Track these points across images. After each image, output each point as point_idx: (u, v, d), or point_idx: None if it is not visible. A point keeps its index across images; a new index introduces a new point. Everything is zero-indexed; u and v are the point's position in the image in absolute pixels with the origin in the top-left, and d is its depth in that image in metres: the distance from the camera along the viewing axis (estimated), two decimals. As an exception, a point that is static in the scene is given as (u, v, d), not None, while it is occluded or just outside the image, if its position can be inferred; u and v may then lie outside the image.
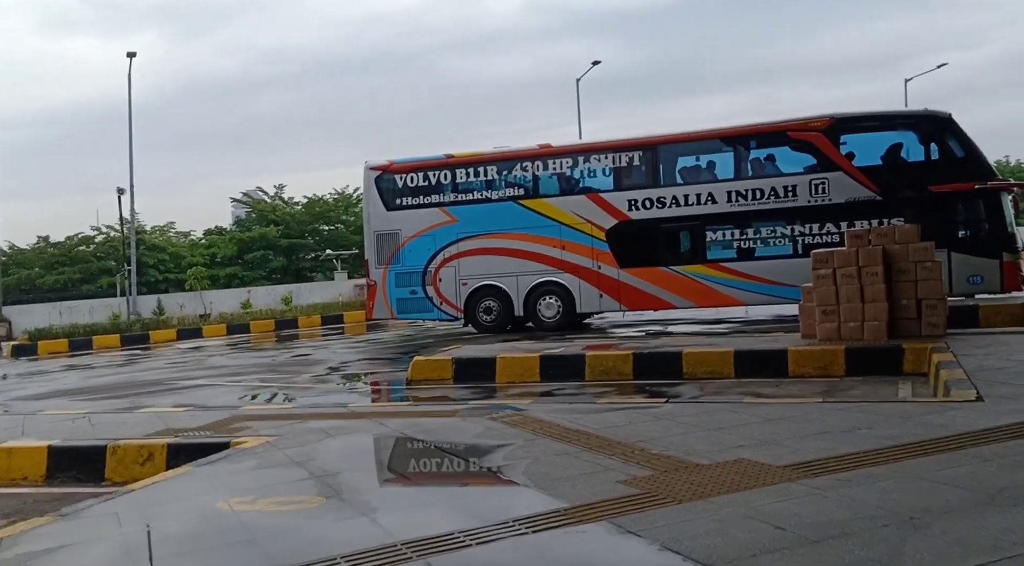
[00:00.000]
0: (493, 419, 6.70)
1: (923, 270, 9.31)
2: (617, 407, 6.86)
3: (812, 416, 5.90)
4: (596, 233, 15.89)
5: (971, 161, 14.08)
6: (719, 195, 15.13)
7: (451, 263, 16.77)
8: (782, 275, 14.52)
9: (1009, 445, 4.64)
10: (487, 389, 9.91)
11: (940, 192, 13.87)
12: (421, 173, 17.12)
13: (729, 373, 9.29)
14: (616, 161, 16.05)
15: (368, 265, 17.58)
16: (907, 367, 8.69)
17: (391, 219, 17.21)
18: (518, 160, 16.81)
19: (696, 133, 15.94)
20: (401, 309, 17.27)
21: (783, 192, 14.74)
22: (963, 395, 6.06)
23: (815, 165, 14.76)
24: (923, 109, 15.12)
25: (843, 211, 14.33)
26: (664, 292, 15.56)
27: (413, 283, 17.02)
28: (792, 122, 15.12)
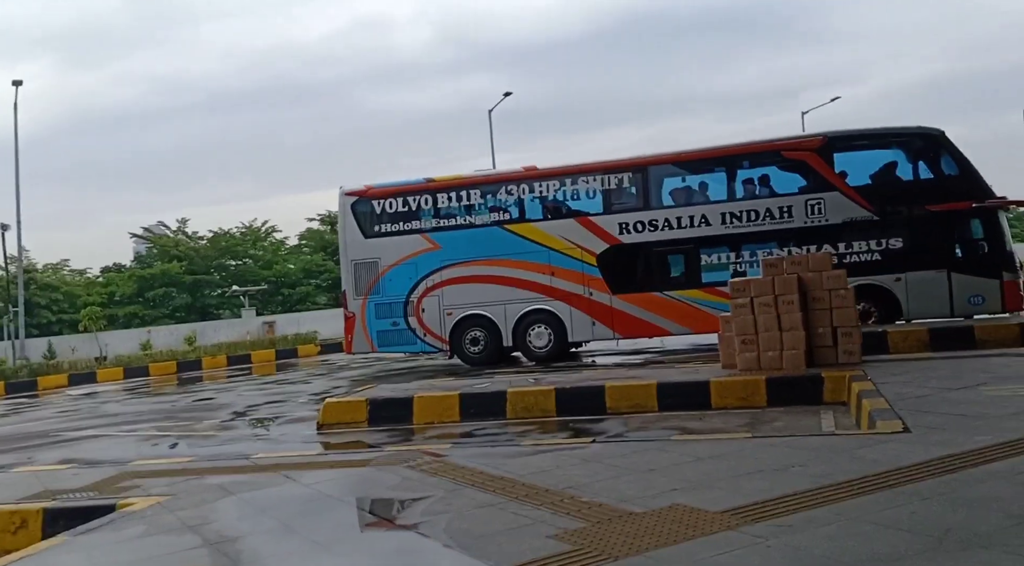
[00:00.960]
0: (411, 467, 6.25)
1: (837, 298, 9.38)
2: (543, 449, 6.52)
3: (744, 453, 5.70)
4: (587, 258, 15.34)
5: (967, 179, 13.82)
6: (713, 217, 14.71)
7: (435, 292, 16.04)
8: None
9: (945, 480, 4.51)
10: (404, 432, 9.42)
11: (937, 211, 13.65)
12: (400, 198, 16.36)
13: (652, 407, 9.09)
14: (605, 183, 15.51)
15: (345, 296, 16.68)
16: (827, 396, 8.67)
17: (369, 247, 16.41)
18: (503, 183, 16.22)
19: (688, 153, 15.62)
20: (382, 342, 16.43)
21: (778, 213, 14.39)
22: (890, 426, 5.98)
23: (810, 185, 14.48)
24: (916, 126, 14.68)
25: (840, 232, 14.03)
26: (659, 318, 15.03)
27: (394, 314, 16.20)
28: (785, 141, 14.99)
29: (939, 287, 13.63)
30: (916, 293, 13.70)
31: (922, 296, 13.67)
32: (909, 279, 13.74)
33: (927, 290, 13.65)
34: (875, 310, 13.85)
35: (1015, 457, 4.83)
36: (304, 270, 39.33)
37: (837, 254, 13.89)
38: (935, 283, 13.65)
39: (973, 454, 4.99)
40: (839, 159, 14.40)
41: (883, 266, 13.86)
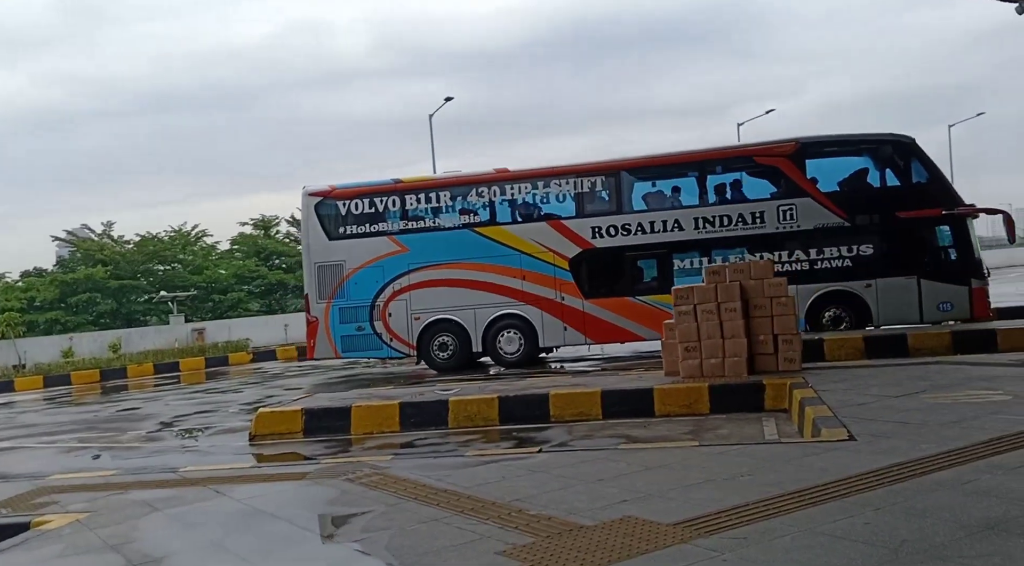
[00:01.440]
0: (350, 480, 5.99)
1: (778, 305, 9.46)
2: (488, 459, 6.33)
3: (692, 462, 5.61)
4: (559, 262, 15.13)
5: (937, 186, 14.06)
6: (686, 222, 14.65)
7: (402, 296, 15.67)
8: None
9: (895, 490, 4.49)
10: (342, 443, 9.11)
11: (908, 218, 13.81)
12: (367, 199, 15.96)
13: (597, 414, 8.99)
14: (578, 186, 15.31)
15: (308, 300, 16.14)
16: (768, 403, 8.71)
17: (334, 249, 15.94)
18: (473, 185, 15.85)
19: (661, 157, 15.58)
20: (346, 347, 15.96)
21: (751, 219, 14.38)
22: (835, 434, 5.98)
23: (782, 190, 14.51)
24: (887, 133, 14.82)
25: (812, 238, 14.13)
26: (631, 323, 14.85)
27: (360, 318, 15.76)
28: (758, 147, 15.00)
29: (909, 293, 13.81)
30: (886, 299, 13.86)
31: (892, 302, 13.83)
32: (879, 285, 13.87)
33: (897, 296, 13.81)
34: (846, 316, 14.03)
35: (960, 466, 4.85)
36: (236, 275, 38.28)
37: (809, 260, 14.10)
38: (905, 289, 13.82)
39: (919, 463, 4.99)
40: (811, 165, 14.50)
41: (854, 272, 14.00)
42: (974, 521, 3.85)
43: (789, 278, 13.79)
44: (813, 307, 14.07)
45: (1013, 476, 4.55)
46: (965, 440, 5.44)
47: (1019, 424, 5.77)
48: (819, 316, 14.09)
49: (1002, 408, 6.41)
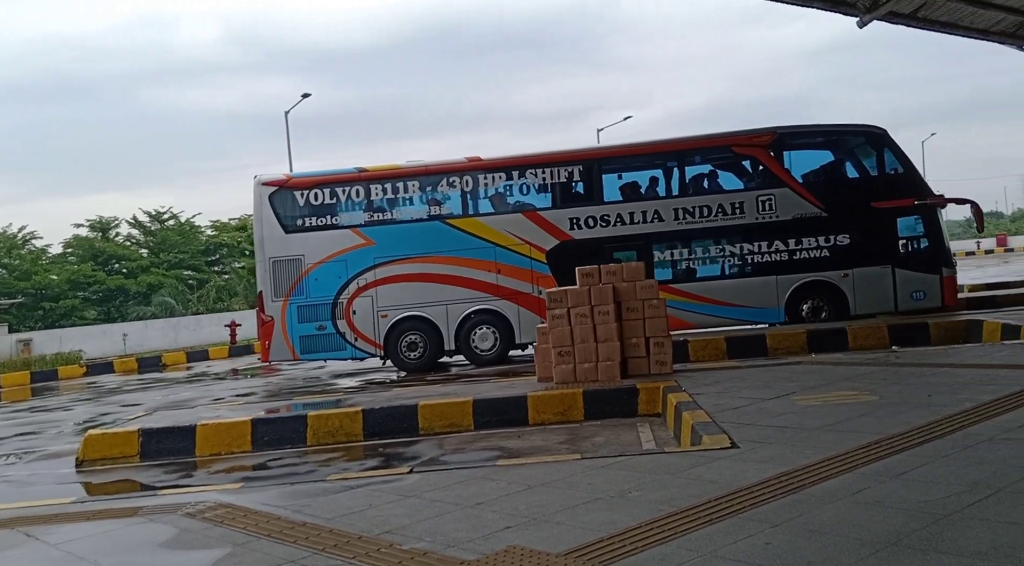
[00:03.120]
0: (190, 515, 5.23)
1: (650, 307, 9.35)
2: (353, 484, 5.71)
3: (576, 479, 5.24)
4: (535, 255, 14.48)
5: (909, 177, 14.21)
6: (665, 212, 14.34)
7: (367, 292, 14.61)
8: (732, 295, 14.19)
9: (788, 503, 4.28)
10: (185, 467, 8.18)
11: (882, 208, 13.92)
12: (328, 189, 14.80)
13: (469, 425, 8.54)
14: (555, 176, 14.71)
15: (262, 298, 14.82)
16: (642, 408, 8.56)
17: (291, 243, 14.69)
18: (445, 174, 14.91)
19: (640, 146, 15.22)
20: (306, 348, 14.73)
21: (730, 209, 14.20)
22: (717, 441, 5.80)
23: (760, 181, 14.41)
24: (861, 123, 14.93)
25: (790, 228, 14.07)
26: None
27: (321, 317, 14.61)
28: (737, 136, 14.69)
29: (884, 283, 13.99)
30: (862, 289, 14.05)
31: (868, 292, 14.03)
32: (856, 275, 13.99)
33: (873, 286, 13.98)
34: (825, 306, 14.13)
35: (845, 474, 4.73)
36: (69, 281, 35.09)
37: (788, 250, 14.10)
38: (880, 279, 13.99)
39: (806, 471, 4.84)
40: (788, 155, 14.49)
41: (831, 262, 14.06)
42: (876, 537, 3.67)
43: (769, 269, 14.17)
44: (792, 298, 14.15)
45: (900, 484, 4.45)
46: (844, 445, 5.37)
47: (891, 426, 5.79)
48: (798, 307, 14.16)
49: (871, 409, 6.46)
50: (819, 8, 14.04)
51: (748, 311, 14.12)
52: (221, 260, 42.63)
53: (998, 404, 6.14)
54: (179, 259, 38.58)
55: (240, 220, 42.83)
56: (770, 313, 14.07)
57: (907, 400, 6.69)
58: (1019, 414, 5.77)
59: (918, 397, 6.77)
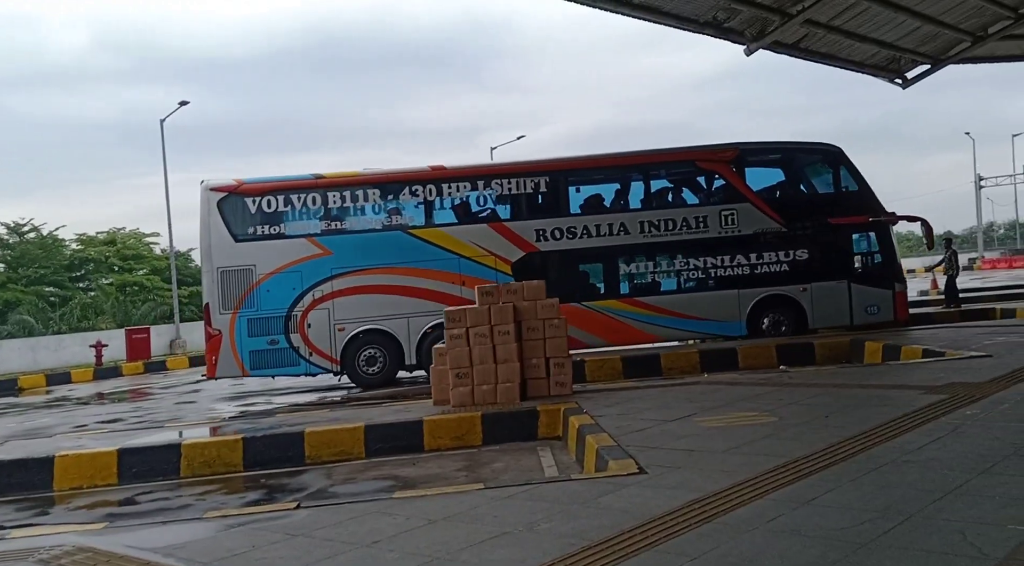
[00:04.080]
0: (43, 562, 4.58)
1: (551, 327, 9.16)
2: (233, 521, 5.17)
3: (480, 511, 4.91)
4: (501, 267, 14.01)
5: (863, 194, 14.49)
6: (632, 226, 14.19)
7: (323, 305, 13.84)
8: (696, 309, 14.07)
9: (705, 533, 4.10)
10: (41, 503, 7.33)
11: (838, 224, 14.22)
12: (282, 196, 13.94)
13: (360, 453, 8.06)
14: (520, 186, 14.32)
15: (209, 311, 13.85)
16: (542, 431, 8.32)
17: (241, 252, 13.81)
18: (407, 183, 14.30)
19: (605, 158, 14.98)
20: (256, 364, 13.82)
21: (694, 223, 14.19)
22: (624, 467, 5.61)
23: (723, 196, 14.46)
24: (818, 141, 15.25)
25: (751, 243, 14.16)
26: (577, 331, 13.64)
27: (273, 331, 13.77)
28: (700, 151, 14.70)
29: (840, 297, 14.28)
30: (820, 303, 14.25)
31: (825, 306, 14.24)
32: (814, 289, 14.24)
33: (830, 300, 14.23)
34: (784, 320, 14.22)
35: (758, 499, 4.61)
36: None
37: (749, 264, 14.18)
38: (837, 293, 14.27)
39: (717, 498, 4.70)
40: (749, 172, 14.65)
41: (790, 277, 14.25)
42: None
43: (731, 282, 14.29)
44: (753, 312, 14.25)
45: (812, 510, 4.36)
46: (751, 469, 5.28)
47: (794, 448, 5.76)
48: (758, 321, 14.26)
49: (773, 431, 6.45)
50: (710, 35, 14.51)
51: (711, 324, 14.28)
52: (87, 276, 39.98)
53: (894, 424, 6.25)
54: (40, 274, 35.90)
55: (108, 234, 40.34)
56: (732, 326, 14.26)
57: (806, 421, 6.72)
58: (915, 435, 5.87)
59: (816, 418, 6.83)
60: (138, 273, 39.27)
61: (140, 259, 40.05)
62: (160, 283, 37.26)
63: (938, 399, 7.14)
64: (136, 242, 40.68)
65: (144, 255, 40.39)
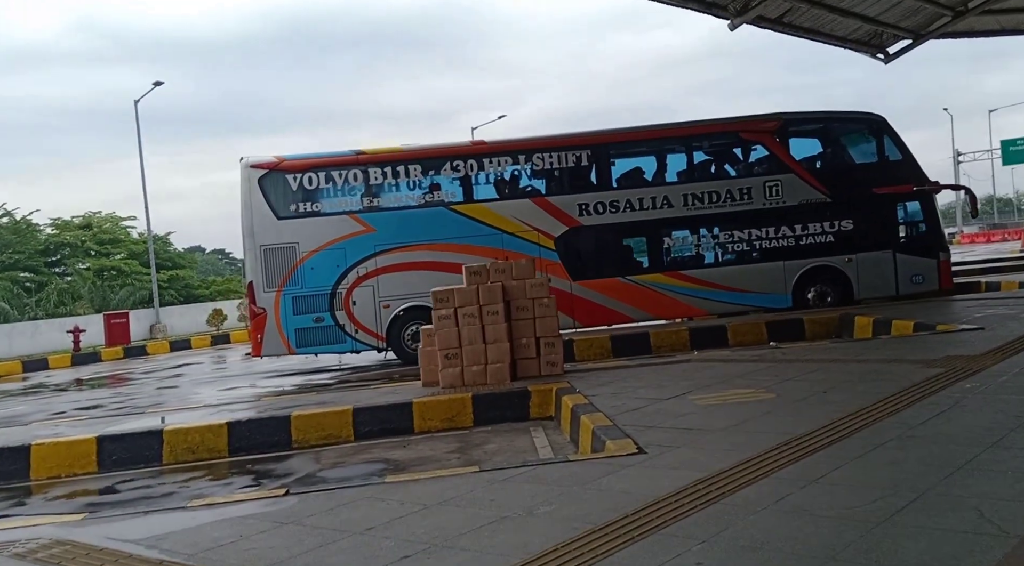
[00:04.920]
0: (19, 556, 4.37)
1: (540, 307, 8.98)
2: (219, 510, 4.97)
3: (477, 494, 4.75)
4: (544, 242, 13.86)
5: (908, 163, 14.34)
6: (675, 198, 14.02)
7: (368, 282, 13.71)
8: (741, 282, 13.95)
9: (711, 515, 3.96)
10: (17, 493, 7.10)
11: (883, 194, 14.07)
12: (323, 173, 13.80)
13: (348, 436, 7.88)
14: (563, 160, 14.13)
15: (253, 289, 13.63)
16: (534, 412, 8.18)
17: (284, 230, 13.62)
18: (448, 158, 14.10)
19: (649, 130, 14.71)
20: (302, 342, 13.64)
21: (739, 195, 14.03)
22: (622, 447, 5.45)
23: (768, 167, 14.26)
24: (861, 111, 14.98)
25: (797, 214, 14.01)
26: (621, 305, 13.93)
27: (318, 308, 13.62)
28: (743, 122, 14.50)
29: (886, 267, 14.11)
30: (866, 273, 14.11)
31: (871, 276, 14.09)
32: (859, 260, 14.06)
33: (875, 271, 14.06)
34: (830, 291, 14.09)
35: (763, 480, 4.46)
36: None
37: (794, 236, 14.06)
38: (882, 264, 14.10)
39: (722, 478, 4.55)
40: (793, 142, 14.44)
41: (836, 247, 14.08)
42: (812, 551, 3.38)
43: (776, 254, 14.15)
44: (799, 283, 14.11)
45: (821, 489, 4.22)
46: (754, 447, 5.14)
47: (795, 425, 5.63)
48: (804, 293, 14.13)
49: (772, 408, 6.33)
50: (693, 9, 14.27)
51: (756, 297, 14.14)
52: (63, 261, 39.29)
53: (894, 399, 6.13)
54: (14, 260, 35.19)
55: (84, 218, 39.62)
56: (777, 299, 14.13)
57: (805, 397, 6.60)
58: (918, 409, 5.75)
59: (814, 394, 6.71)
60: (115, 257, 38.63)
61: (117, 243, 39.39)
62: (138, 267, 36.66)
63: (936, 373, 7.05)
64: (113, 226, 39.97)
65: (121, 239, 39.72)
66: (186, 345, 24.58)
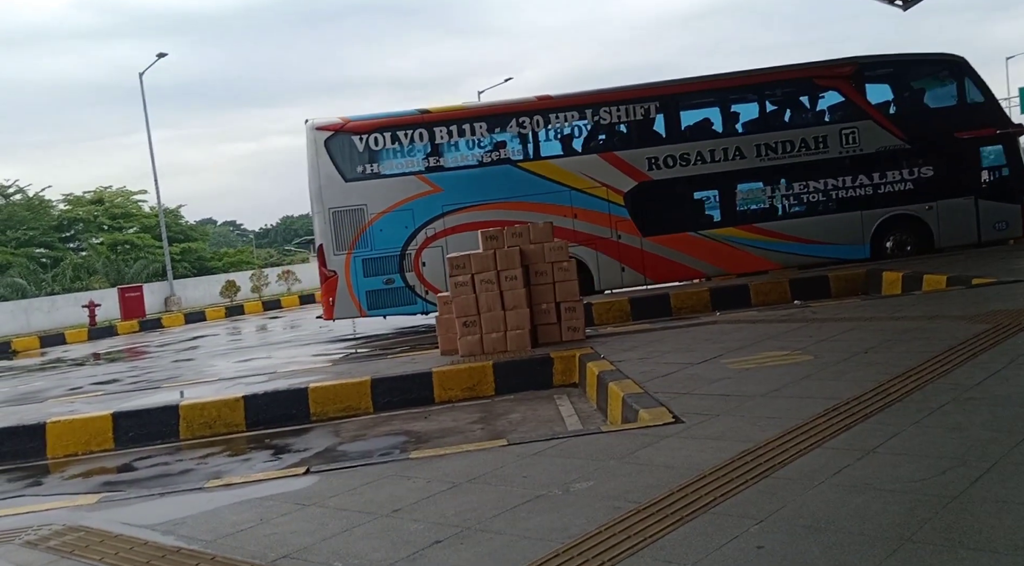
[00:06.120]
0: (31, 544, 4.17)
1: (560, 271, 8.66)
2: (238, 491, 4.74)
3: (507, 471, 4.49)
4: (613, 198, 13.60)
5: (990, 106, 13.84)
6: (747, 149, 13.59)
7: (437, 242, 13.48)
8: (818, 233, 13.60)
9: (762, 491, 3.68)
10: (34, 472, 6.94)
11: (965, 138, 13.50)
12: (389, 133, 13.58)
13: (367, 407, 7.66)
14: (631, 113, 13.77)
15: (323, 252, 13.52)
16: (557, 379, 7.94)
17: (352, 192, 13.48)
18: (513, 114, 13.77)
19: (718, 79, 14.17)
20: (373, 304, 13.58)
21: (813, 144, 13.55)
22: (657, 416, 5.18)
23: (843, 114, 13.76)
24: (941, 52, 14.35)
25: (874, 161, 13.53)
26: (694, 260, 13.70)
27: (388, 270, 13.53)
28: (817, 67, 13.93)
29: (967, 214, 13.61)
30: (947, 221, 13.66)
31: (952, 224, 13.59)
32: (940, 207, 13.58)
33: (957, 218, 13.57)
34: (909, 240, 13.74)
35: (815, 450, 4.18)
36: None
37: (872, 184, 13.64)
38: (964, 210, 13.60)
39: (769, 448, 4.27)
40: (870, 87, 13.95)
41: (915, 195, 13.60)
42: (884, 531, 3.09)
43: (853, 204, 13.70)
44: (876, 233, 13.73)
45: (880, 459, 3.94)
46: (798, 414, 4.85)
47: (840, 389, 5.33)
48: (882, 243, 13.74)
49: (812, 370, 6.02)
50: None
51: (833, 248, 13.74)
52: (77, 236, 39.29)
53: (942, 358, 5.81)
54: (29, 236, 35.22)
55: (96, 193, 39.49)
56: (856, 249, 13.73)
57: (845, 358, 6.28)
58: (970, 369, 5.43)
59: (855, 355, 6.39)
60: (128, 231, 38.58)
61: (129, 217, 39.33)
62: (151, 240, 36.59)
63: (982, 329, 6.71)
64: (124, 200, 39.87)
65: (133, 213, 39.64)
66: (200, 317, 24.49)
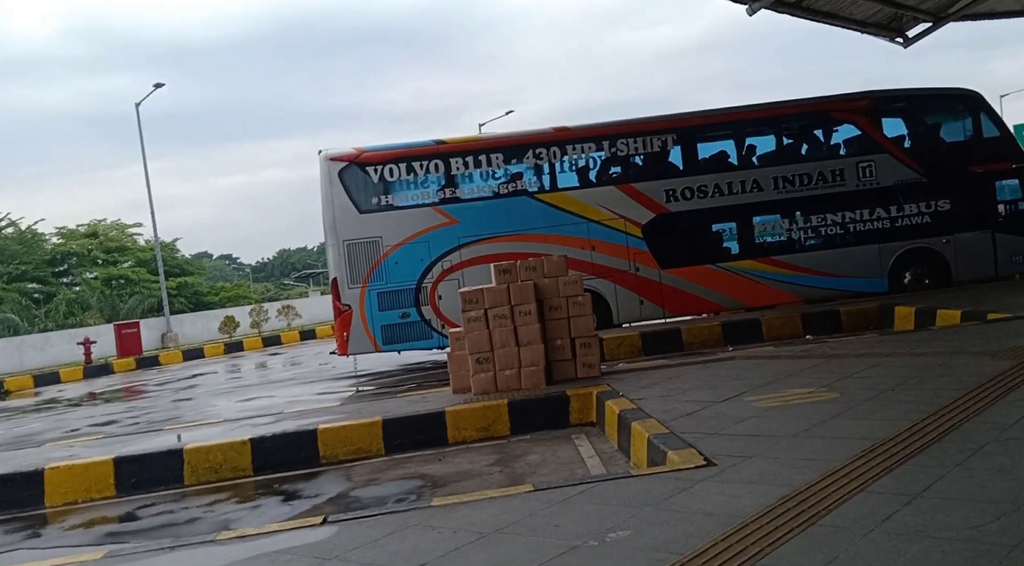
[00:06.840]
0: (35, 604, 3.93)
1: (575, 306, 8.51)
2: (252, 546, 4.53)
3: (537, 520, 4.30)
4: (631, 230, 13.57)
5: (1005, 140, 13.95)
6: (765, 182, 13.60)
7: (453, 275, 13.32)
8: (836, 266, 13.57)
9: (811, 540, 3.50)
10: (31, 523, 6.68)
11: (981, 172, 13.59)
12: (404, 164, 13.45)
13: (379, 449, 7.45)
14: (648, 145, 13.76)
15: (337, 285, 13.28)
16: (574, 417, 7.73)
17: (367, 224, 13.31)
18: (530, 146, 13.72)
19: (735, 112, 14.20)
20: (388, 338, 13.29)
21: (831, 177, 13.58)
22: (687, 459, 5.00)
23: (860, 147, 13.84)
24: (956, 86, 14.47)
25: (891, 195, 13.55)
26: (713, 293, 13.62)
27: (403, 304, 13.31)
28: (833, 101, 14.01)
29: (985, 248, 13.64)
30: (964, 255, 13.65)
31: (969, 257, 13.60)
32: (957, 241, 13.61)
33: (974, 251, 13.59)
34: (927, 274, 13.69)
35: (858, 495, 4.00)
36: None
37: (889, 217, 13.63)
38: (981, 244, 13.63)
39: (811, 493, 4.09)
40: (886, 121, 14.07)
41: (932, 228, 13.61)
42: (953, 586, 2.92)
43: (871, 237, 13.70)
44: (894, 267, 13.69)
45: (929, 504, 3.76)
46: (835, 456, 4.68)
47: (874, 429, 5.16)
48: (900, 276, 13.71)
49: (841, 409, 5.85)
50: (713, -6, 13.85)
51: (851, 281, 13.67)
52: (71, 271, 39.01)
53: (972, 396, 5.66)
54: (21, 271, 34.92)
55: (90, 226, 39.31)
56: (874, 283, 13.66)
57: (873, 396, 6.12)
58: (1004, 407, 5.28)
59: (882, 392, 6.23)
60: (123, 265, 38.33)
61: (124, 251, 39.09)
62: (147, 275, 36.36)
63: (1008, 365, 6.57)
64: (119, 234, 39.69)
65: (128, 247, 39.42)
66: (199, 354, 24.20)
